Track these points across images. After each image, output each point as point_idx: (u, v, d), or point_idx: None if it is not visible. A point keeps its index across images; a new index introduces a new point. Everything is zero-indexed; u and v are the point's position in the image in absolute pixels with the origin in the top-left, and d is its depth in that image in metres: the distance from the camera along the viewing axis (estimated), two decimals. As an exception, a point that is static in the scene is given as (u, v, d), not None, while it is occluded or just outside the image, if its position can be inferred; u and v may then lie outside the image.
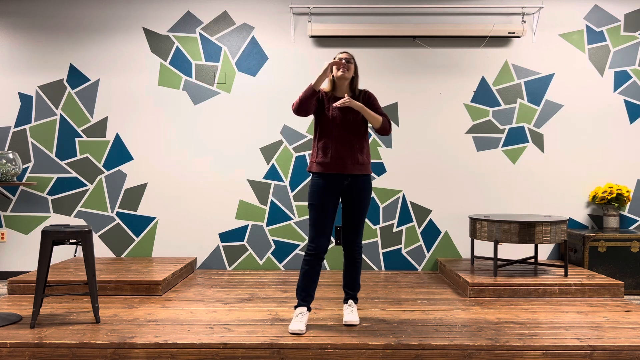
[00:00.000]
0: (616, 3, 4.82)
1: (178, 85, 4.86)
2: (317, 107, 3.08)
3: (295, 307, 3.09)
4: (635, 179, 4.84)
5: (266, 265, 4.87)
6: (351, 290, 3.19)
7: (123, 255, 4.90)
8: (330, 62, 2.95)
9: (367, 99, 3.14)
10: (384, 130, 3.08)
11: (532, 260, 4.62)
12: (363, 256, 4.83)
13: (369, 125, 3.11)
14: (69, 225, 3.48)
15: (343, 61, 3.01)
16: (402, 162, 4.86)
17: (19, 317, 3.22)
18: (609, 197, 4.62)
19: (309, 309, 3.10)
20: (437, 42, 4.84)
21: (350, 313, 3.12)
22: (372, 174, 4.85)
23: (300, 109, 2.97)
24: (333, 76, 3.06)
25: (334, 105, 2.99)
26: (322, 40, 4.83)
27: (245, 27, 4.87)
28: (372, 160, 4.85)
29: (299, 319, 3.00)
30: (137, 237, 4.89)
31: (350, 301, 3.18)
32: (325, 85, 3.13)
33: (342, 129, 3.03)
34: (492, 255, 4.82)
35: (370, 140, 4.85)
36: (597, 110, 4.84)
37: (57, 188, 4.87)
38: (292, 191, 4.85)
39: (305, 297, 3.08)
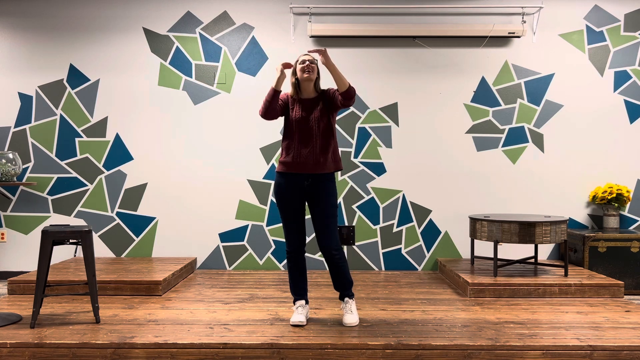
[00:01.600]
0: (616, 3, 4.82)
1: (178, 85, 4.86)
2: (284, 109, 3.15)
3: (294, 302, 3.19)
4: (635, 179, 4.84)
5: (266, 265, 4.87)
6: (343, 290, 3.18)
7: (123, 255, 4.90)
8: (282, 62, 3.04)
9: (328, 92, 3.14)
10: (349, 95, 2.98)
11: (532, 260, 4.62)
12: (363, 256, 4.83)
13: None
14: (69, 225, 3.49)
15: (307, 63, 3.06)
16: (402, 162, 4.86)
17: (19, 317, 3.22)
18: (609, 197, 4.62)
19: (307, 302, 3.19)
20: (437, 42, 4.84)
21: (350, 313, 3.12)
22: (372, 174, 4.85)
23: (266, 111, 3.06)
24: (297, 79, 3.12)
25: (309, 51, 3.07)
26: (322, 40, 4.83)
27: (245, 27, 4.87)
28: (372, 160, 4.85)
29: (299, 312, 3.11)
30: (137, 237, 4.89)
31: (346, 299, 3.18)
32: (290, 90, 3.18)
33: (304, 130, 3.06)
34: (492, 255, 4.82)
35: (370, 140, 4.85)
36: (597, 110, 4.84)
37: (57, 188, 4.87)
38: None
39: (298, 291, 3.18)
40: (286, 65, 3.05)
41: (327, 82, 4.24)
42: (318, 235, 3.09)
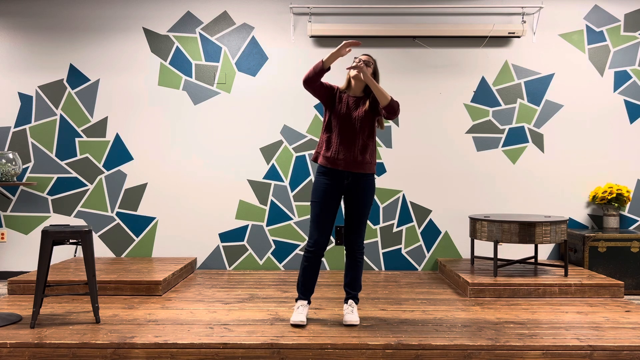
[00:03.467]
0: (616, 3, 4.82)
1: (178, 85, 4.86)
2: (330, 100, 3.13)
3: (296, 300, 3.19)
4: (635, 179, 4.84)
5: (266, 265, 4.87)
6: (352, 290, 3.20)
7: (123, 255, 4.90)
8: (346, 42, 2.93)
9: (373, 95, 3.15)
10: (392, 109, 2.99)
11: (532, 260, 4.62)
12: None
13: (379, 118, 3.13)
14: (69, 225, 3.49)
15: (361, 63, 3.03)
16: (402, 162, 4.86)
17: (19, 317, 3.22)
18: (609, 197, 4.62)
19: (309, 302, 3.19)
20: (437, 42, 4.84)
21: (351, 313, 3.13)
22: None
23: (307, 81, 3.02)
24: (350, 75, 3.13)
25: (351, 73, 3.07)
26: (322, 41, 4.83)
27: (245, 27, 4.87)
28: (372, 160, 4.85)
29: (300, 311, 3.10)
30: (137, 237, 4.89)
31: (351, 301, 3.19)
32: (342, 84, 3.20)
33: (347, 126, 3.07)
34: (492, 255, 4.82)
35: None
36: (597, 110, 4.84)
37: (57, 188, 4.87)
38: (292, 191, 4.85)
39: (304, 291, 3.18)
40: (348, 44, 2.92)
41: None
42: (348, 232, 3.14)
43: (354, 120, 3.07)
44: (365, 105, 3.10)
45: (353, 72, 3.09)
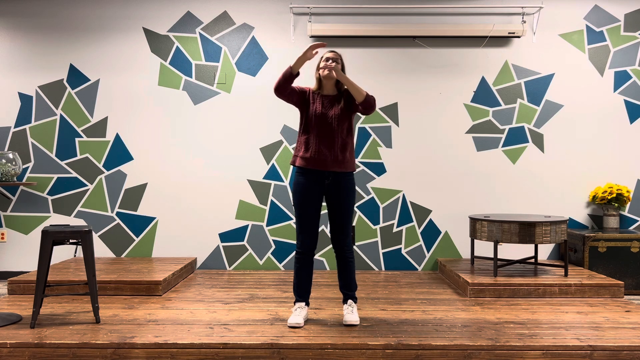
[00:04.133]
0: (616, 3, 4.82)
1: (178, 85, 4.86)
2: (303, 103, 3.14)
3: (294, 302, 3.18)
4: (635, 179, 4.84)
5: (266, 265, 4.87)
6: (348, 291, 3.19)
7: (123, 255, 4.90)
8: (312, 44, 2.95)
9: (346, 93, 3.15)
10: (368, 104, 3.02)
11: (532, 260, 4.62)
12: (363, 256, 4.83)
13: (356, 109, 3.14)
14: (69, 225, 3.48)
15: (331, 62, 3.04)
16: (402, 162, 4.86)
17: (19, 317, 3.22)
18: (609, 197, 4.62)
19: (307, 304, 3.19)
20: (437, 42, 4.84)
21: (350, 313, 3.12)
22: (372, 174, 4.85)
23: (278, 89, 3.03)
24: (320, 75, 3.11)
25: (322, 73, 3.05)
26: (322, 40, 4.83)
27: (245, 27, 4.87)
28: (372, 160, 4.86)
29: (298, 313, 3.11)
30: (137, 237, 4.89)
31: (350, 301, 3.18)
32: (312, 84, 3.18)
33: (323, 126, 3.06)
34: (492, 255, 4.82)
35: (370, 140, 4.85)
36: (597, 111, 4.84)
37: (57, 188, 4.87)
38: (292, 191, 4.85)
39: (301, 293, 3.17)
40: (314, 46, 2.94)
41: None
42: (334, 232, 3.13)
43: (330, 119, 3.06)
44: (341, 103, 3.10)
45: (324, 72, 3.06)
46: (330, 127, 3.06)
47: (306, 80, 4.60)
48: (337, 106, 3.10)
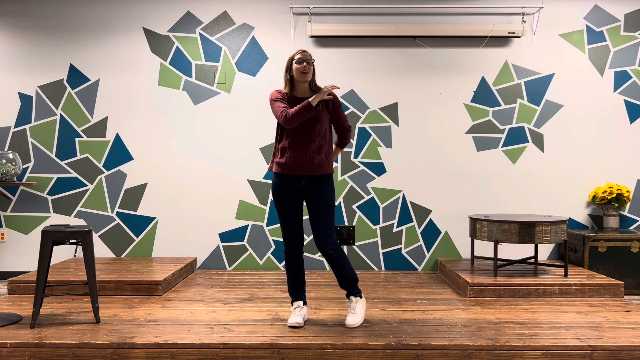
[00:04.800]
0: (616, 3, 4.82)
1: (178, 85, 4.86)
2: None
3: (291, 302, 3.18)
4: (635, 179, 4.84)
5: (266, 265, 4.87)
6: (348, 287, 3.16)
7: (123, 255, 4.90)
8: (329, 86, 2.96)
9: (330, 101, 3.09)
10: (348, 139, 3.26)
11: (532, 260, 4.62)
12: (363, 256, 4.83)
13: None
14: (69, 225, 3.49)
15: (304, 64, 2.97)
16: (402, 162, 4.86)
17: (19, 317, 3.22)
18: (609, 197, 4.62)
19: (305, 302, 3.18)
20: (437, 42, 4.84)
21: (353, 314, 3.10)
22: (372, 174, 4.85)
23: (293, 122, 2.94)
24: (292, 76, 3.03)
25: (327, 89, 2.98)
26: (322, 40, 4.83)
27: (245, 27, 4.87)
28: (372, 160, 4.85)
29: (297, 313, 3.10)
30: (137, 237, 4.89)
31: (352, 297, 3.15)
32: (283, 87, 3.10)
33: (299, 130, 3.01)
34: (492, 255, 4.82)
35: (370, 140, 4.84)
36: (597, 111, 4.83)
37: (57, 188, 4.87)
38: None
39: (295, 292, 3.17)
40: (330, 89, 2.95)
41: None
42: (315, 235, 3.07)
43: (306, 122, 3.00)
44: (319, 106, 3.04)
45: (301, 76, 2.98)
46: (306, 131, 3.01)
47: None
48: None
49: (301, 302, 3.15)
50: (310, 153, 3.02)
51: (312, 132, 3.02)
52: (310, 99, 2.94)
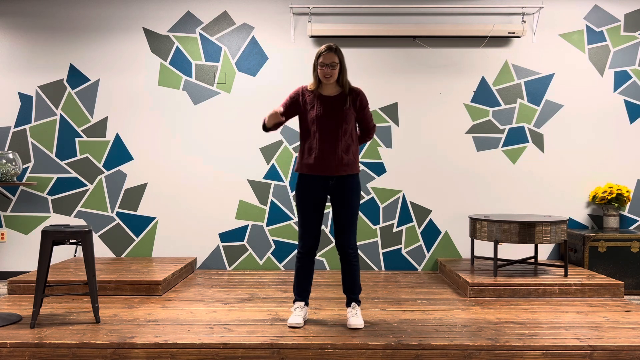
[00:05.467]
0: (616, 3, 4.82)
1: (178, 85, 4.86)
2: (299, 110, 3.06)
3: (294, 301, 3.17)
4: (635, 179, 4.84)
5: (266, 265, 4.87)
6: (352, 294, 3.15)
7: (123, 255, 4.90)
8: (274, 110, 2.94)
9: (357, 100, 3.06)
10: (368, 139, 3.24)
11: (532, 260, 4.61)
12: (363, 256, 4.83)
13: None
14: (69, 225, 3.49)
15: (325, 68, 2.93)
16: (402, 162, 4.86)
17: (19, 317, 3.22)
18: (609, 197, 4.62)
19: (307, 304, 3.17)
20: (437, 42, 4.84)
21: (355, 316, 3.08)
22: (372, 174, 4.85)
23: (264, 130, 3.11)
24: (318, 76, 2.99)
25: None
26: (322, 40, 4.83)
27: (245, 27, 4.87)
28: (372, 160, 4.85)
29: (297, 313, 3.09)
30: (137, 237, 4.89)
31: (353, 304, 3.14)
32: (311, 83, 3.05)
33: (325, 129, 2.98)
34: (492, 255, 4.82)
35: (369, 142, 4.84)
36: (597, 110, 4.83)
37: (57, 188, 4.87)
38: (292, 191, 4.85)
39: (300, 292, 3.15)
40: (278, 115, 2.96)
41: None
42: (338, 233, 3.07)
43: (332, 122, 2.97)
44: (343, 102, 2.99)
45: (324, 78, 2.96)
46: (333, 130, 2.98)
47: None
48: (339, 107, 2.99)
49: (303, 303, 3.14)
50: (338, 153, 2.98)
51: (338, 132, 2.98)
52: (265, 118, 3.01)
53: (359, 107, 3.07)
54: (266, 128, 3.09)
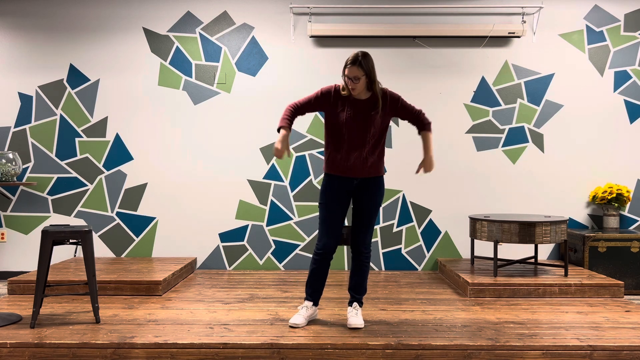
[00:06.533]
0: (616, 3, 4.82)
1: (178, 85, 4.86)
2: (328, 106, 3.01)
3: (304, 299, 3.16)
4: (635, 179, 4.84)
5: (266, 265, 4.87)
6: (357, 294, 3.14)
7: (123, 255, 4.90)
8: (276, 147, 2.89)
9: (394, 102, 3.02)
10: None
11: (532, 260, 4.61)
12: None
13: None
14: (69, 225, 3.48)
15: (349, 81, 2.89)
16: (402, 162, 4.86)
17: (19, 317, 3.22)
18: (609, 197, 4.62)
19: (316, 304, 3.15)
20: (437, 42, 4.84)
21: (355, 316, 3.08)
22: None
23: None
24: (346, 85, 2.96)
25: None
26: (322, 40, 4.83)
27: (245, 27, 4.87)
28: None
29: (300, 313, 3.09)
30: (137, 237, 4.89)
31: (355, 304, 3.14)
32: (342, 84, 3.01)
33: (354, 133, 2.97)
34: (492, 255, 4.82)
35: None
36: (597, 110, 4.83)
37: (57, 188, 4.87)
38: (292, 191, 4.85)
39: (311, 293, 3.14)
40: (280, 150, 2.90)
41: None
42: (355, 231, 3.09)
43: (362, 126, 2.96)
44: (373, 106, 2.96)
45: (350, 88, 2.92)
46: (361, 134, 2.96)
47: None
48: (370, 112, 2.96)
49: (311, 303, 3.13)
50: (364, 156, 2.99)
51: (366, 136, 2.97)
52: (280, 130, 2.92)
53: (392, 106, 3.02)
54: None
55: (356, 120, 2.96)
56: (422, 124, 3.13)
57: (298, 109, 3.01)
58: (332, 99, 3.00)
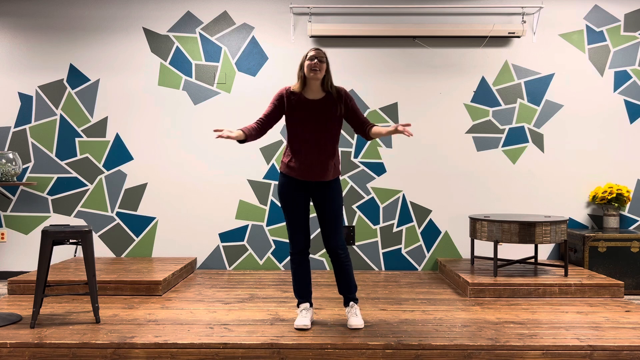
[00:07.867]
0: (616, 3, 4.82)
1: (178, 85, 4.86)
2: (286, 108, 3.01)
3: (298, 305, 3.14)
4: (635, 179, 4.84)
5: (266, 265, 4.87)
6: (348, 293, 3.14)
7: (123, 255, 4.90)
8: (234, 136, 2.86)
9: (346, 100, 3.03)
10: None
11: (532, 260, 4.62)
12: (363, 256, 4.83)
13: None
14: (69, 225, 3.49)
15: (315, 61, 2.90)
16: (402, 162, 4.86)
17: (19, 317, 3.22)
18: (609, 197, 4.62)
19: (311, 304, 3.14)
20: (437, 42, 4.84)
21: (355, 316, 3.08)
22: (372, 174, 4.85)
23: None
24: (304, 75, 2.96)
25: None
26: (322, 40, 4.83)
27: (245, 27, 4.87)
28: (372, 160, 4.86)
29: (304, 315, 3.06)
30: (137, 237, 4.89)
31: (352, 303, 3.14)
32: (296, 84, 3.01)
33: (312, 133, 2.96)
34: (492, 255, 4.82)
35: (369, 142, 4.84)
36: (597, 110, 4.83)
37: (57, 188, 4.87)
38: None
39: (303, 294, 3.14)
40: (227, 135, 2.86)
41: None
42: (325, 236, 3.06)
43: (317, 127, 2.95)
44: (328, 106, 2.95)
45: (311, 74, 2.89)
46: (316, 135, 2.96)
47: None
48: (324, 111, 2.96)
49: (307, 304, 3.12)
50: (322, 159, 2.98)
51: (322, 137, 2.97)
52: (240, 137, 2.91)
53: (348, 105, 3.03)
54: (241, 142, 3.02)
55: (311, 121, 2.96)
56: (367, 124, 3.06)
57: (264, 122, 3.03)
58: (285, 101, 3.00)
